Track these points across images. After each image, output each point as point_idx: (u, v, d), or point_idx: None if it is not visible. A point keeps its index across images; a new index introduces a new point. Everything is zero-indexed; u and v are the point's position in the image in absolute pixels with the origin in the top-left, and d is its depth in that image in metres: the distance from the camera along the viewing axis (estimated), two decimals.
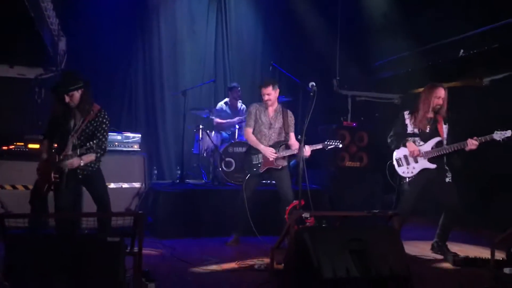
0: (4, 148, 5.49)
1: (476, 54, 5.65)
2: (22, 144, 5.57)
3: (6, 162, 5.35)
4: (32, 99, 6.94)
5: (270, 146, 5.17)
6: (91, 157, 4.13)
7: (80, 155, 4.07)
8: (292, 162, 7.16)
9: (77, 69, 4.46)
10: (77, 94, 4.12)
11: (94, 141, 4.04)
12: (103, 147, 4.18)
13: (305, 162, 4.44)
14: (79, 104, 4.15)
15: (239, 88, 7.29)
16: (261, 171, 5.13)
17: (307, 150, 4.85)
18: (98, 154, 4.18)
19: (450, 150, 4.75)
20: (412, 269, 3.41)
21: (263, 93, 5.18)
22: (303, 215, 3.41)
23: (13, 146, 5.53)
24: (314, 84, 4.58)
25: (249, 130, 5.22)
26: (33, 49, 6.37)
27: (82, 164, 4.10)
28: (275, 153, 5.07)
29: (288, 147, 5.22)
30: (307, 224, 3.87)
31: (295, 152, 5.06)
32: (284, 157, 5.19)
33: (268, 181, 5.87)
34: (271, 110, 5.25)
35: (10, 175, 5.32)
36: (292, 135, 5.26)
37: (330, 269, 3.12)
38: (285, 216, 4.57)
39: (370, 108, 8.56)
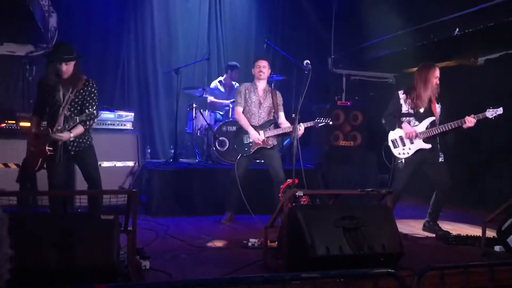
0: None
1: (471, 33, 5.60)
2: (14, 122, 5.53)
3: None
4: (23, 77, 6.86)
5: (260, 125, 5.17)
6: (79, 129, 4.09)
7: (70, 129, 4.04)
8: (286, 141, 7.19)
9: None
10: (71, 65, 4.07)
11: (87, 112, 4.02)
12: (93, 118, 4.14)
13: (299, 141, 4.43)
14: (71, 76, 4.09)
15: (239, 69, 7.22)
16: (252, 151, 5.13)
17: (301, 129, 4.85)
18: (87, 126, 4.14)
19: (447, 129, 4.74)
20: (404, 247, 3.46)
21: (258, 65, 5.19)
22: (296, 193, 3.41)
23: (4, 124, 5.48)
24: (308, 62, 4.55)
25: (239, 109, 5.21)
26: (23, 25, 6.27)
27: (71, 138, 4.07)
28: (262, 139, 5.08)
29: (277, 126, 5.24)
30: (301, 202, 3.88)
31: (285, 131, 5.10)
32: (274, 136, 5.19)
33: (262, 161, 5.88)
34: (260, 89, 5.25)
35: (2, 154, 5.29)
36: (281, 114, 5.28)
37: (323, 247, 3.14)
38: (279, 195, 4.58)
39: (364, 88, 8.54)
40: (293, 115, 4.58)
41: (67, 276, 2.80)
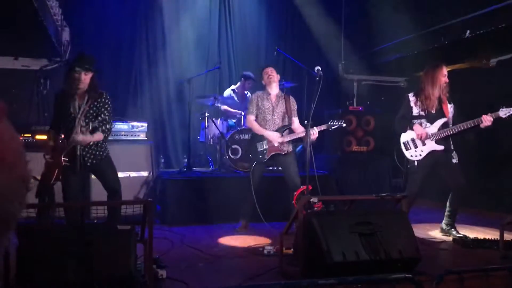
0: None
1: (483, 34, 5.56)
2: (29, 135, 5.59)
3: None
4: (37, 91, 6.96)
5: (275, 131, 5.16)
6: (99, 135, 4.15)
7: (91, 133, 4.10)
8: (299, 148, 7.19)
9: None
10: (89, 76, 4.14)
11: (99, 118, 4.10)
12: (108, 126, 4.19)
13: (312, 147, 4.43)
14: (88, 87, 4.16)
15: (253, 81, 7.25)
16: (267, 157, 5.14)
17: (315, 133, 4.86)
18: (106, 134, 4.20)
19: (463, 128, 4.69)
20: (421, 251, 3.44)
21: (265, 72, 5.23)
22: (311, 200, 3.41)
23: (20, 138, 5.53)
24: (319, 68, 4.56)
25: (252, 118, 5.23)
26: (37, 40, 6.35)
27: (92, 141, 4.12)
28: (280, 142, 5.07)
29: (292, 131, 5.22)
30: (315, 209, 3.88)
31: (299, 135, 5.10)
32: (289, 142, 5.19)
33: (275, 168, 5.89)
34: (273, 96, 5.25)
35: None
36: (295, 120, 5.27)
37: (339, 253, 3.14)
38: (293, 202, 4.58)
39: (376, 92, 8.53)
40: (305, 121, 4.58)
41: (86, 286, 2.83)
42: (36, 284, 2.77)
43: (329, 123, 5.12)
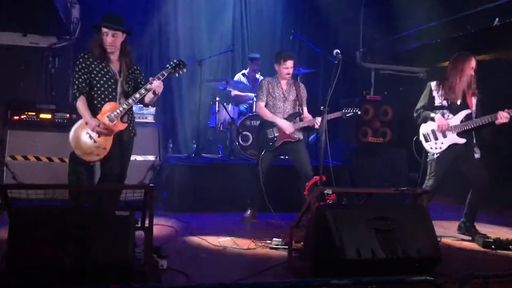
0: (16, 118, 5.33)
1: None
2: (34, 113, 5.41)
3: (18, 132, 5.22)
4: (45, 69, 6.79)
5: (285, 118, 4.93)
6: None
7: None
8: (312, 137, 6.92)
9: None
10: (118, 38, 3.76)
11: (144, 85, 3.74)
12: None
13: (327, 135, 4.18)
14: (121, 52, 3.82)
15: (260, 60, 7.00)
16: (277, 145, 4.90)
17: (318, 122, 4.69)
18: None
19: (479, 124, 4.46)
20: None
21: (286, 65, 4.94)
22: (325, 191, 3.17)
23: (24, 116, 5.37)
24: (338, 51, 4.29)
25: (262, 104, 4.99)
26: (45, 16, 6.17)
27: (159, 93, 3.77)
28: (292, 129, 4.84)
29: (302, 120, 5.00)
30: (328, 201, 3.63)
31: (310, 123, 4.87)
32: (300, 129, 4.96)
33: (286, 157, 5.64)
34: (283, 83, 5.02)
35: (21, 146, 5.18)
36: (305, 109, 5.05)
37: (353, 250, 2.90)
38: (305, 193, 4.33)
39: (393, 82, 8.21)
40: (321, 107, 4.33)
41: (80, 273, 2.63)
42: (26, 268, 2.57)
43: (343, 110, 4.88)
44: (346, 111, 4.86)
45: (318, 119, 4.72)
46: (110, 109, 3.72)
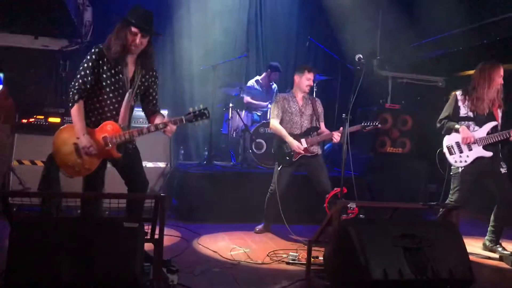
0: (24, 121, 5.19)
1: None
2: (42, 117, 5.26)
3: (25, 136, 5.06)
4: (56, 72, 6.67)
5: (302, 133, 4.73)
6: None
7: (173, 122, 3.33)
8: (327, 145, 6.70)
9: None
10: (146, 40, 3.20)
11: (155, 97, 3.43)
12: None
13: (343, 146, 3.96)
14: (143, 54, 3.26)
15: (279, 72, 6.82)
16: (294, 160, 4.69)
17: (337, 136, 4.52)
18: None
19: (506, 137, 4.21)
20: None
21: (308, 77, 4.76)
22: (348, 205, 2.94)
23: (33, 119, 5.22)
24: (361, 56, 4.09)
25: (276, 122, 4.79)
26: (57, 19, 6.04)
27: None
28: (303, 148, 4.63)
29: (319, 134, 4.80)
30: (350, 215, 3.41)
31: (326, 137, 4.68)
32: (317, 143, 4.76)
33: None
34: (299, 98, 4.84)
35: (29, 150, 5.02)
36: (322, 124, 4.86)
37: (379, 269, 2.67)
38: (325, 205, 4.11)
39: (411, 91, 7.96)
40: (343, 115, 4.11)
41: None
42: (25, 285, 2.38)
43: (363, 124, 4.68)
44: (365, 124, 4.66)
45: (336, 134, 4.54)
46: (110, 131, 3.21)
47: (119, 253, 2.52)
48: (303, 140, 4.69)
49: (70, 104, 3.14)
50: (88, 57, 3.15)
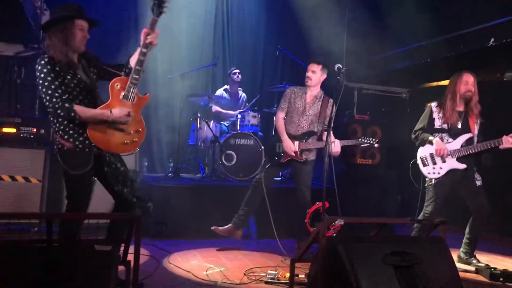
0: None
1: (509, 43, 5.07)
2: None
3: None
4: (10, 79, 6.24)
5: (298, 135, 4.54)
6: None
7: None
8: None
9: None
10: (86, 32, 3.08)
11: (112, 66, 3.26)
12: None
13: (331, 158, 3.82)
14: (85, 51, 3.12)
15: (238, 72, 6.66)
16: (282, 161, 4.53)
17: (337, 145, 4.24)
18: None
19: (482, 149, 4.20)
20: None
21: (308, 68, 4.57)
22: (336, 221, 2.80)
23: None
24: (340, 66, 3.99)
25: (280, 115, 4.62)
26: (12, 21, 5.66)
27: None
28: (295, 151, 4.47)
29: (320, 139, 4.54)
30: (332, 230, 3.26)
31: (318, 146, 4.50)
32: (310, 150, 4.55)
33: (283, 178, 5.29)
34: (309, 95, 4.59)
35: None
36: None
37: None
38: (306, 220, 3.95)
39: (377, 102, 7.99)
40: (325, 126, 3.98)
41: None
42: None
43: (360, 140, 4.47)
44: (361, 141, 4.47)
45: (336, 145, 4.28)
46: (121, 87, 3.08)
47: (91, 280, 2.26)
48: (296, 143, 4.51)
49: (72, 115, 2.92)
50: (45, 71, 2.91)
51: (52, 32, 2.98)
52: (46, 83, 2.90)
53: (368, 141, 4.47)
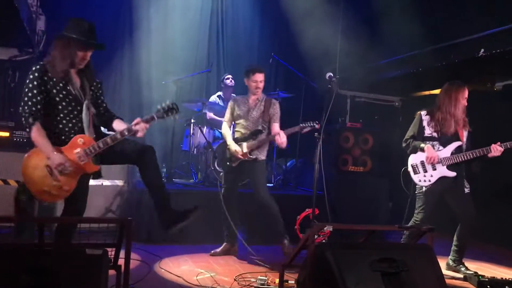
0: None
1: (499, 54, 5.15)
2: None
3: None
4: (4, 83, 6.25)
5: (246, 136, 4.59)
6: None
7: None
8: (290, 162, 6.63)
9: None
10: (90, 53, 3.17)
11: (104, 106, 3.31)
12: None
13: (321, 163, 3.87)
14: (86, 66, 3.19)
15: (231, 78, 6.70)
16: (234, 165, 4.56)
17: (282, 136, 4.36)
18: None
19: (471, 156, 4.27)
20: None
21: (256, 79, 4.59)
22: (325, 228, 2.83)
23: None
24: (331, 74, 4.05)
25: (224, 124, 4.73)
26: (7, 25, 5.67)
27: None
28: (241, 153, 4.52)
29: (266, 135, 4.64)
30: (321, 236, 3.30)
31: (265, 141, 4.59)
32: (258, 148, 4.58)
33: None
34: (252, 99, 4.67)
35: None
36: (275, 126, 4.61)
37: None
38: (296, 227, 3.99)
39: (369, 110, 8.07)
40: (316, 134, 4.03)
41: None
42: None
43: (301, 124, 4.56)
44: (303, 125, 4.54)
45: (282, 135, 4.36)
46: (82, 145, 3.08)
47: (81, 284, 2.28)
48: (244, 144, 4.55)
49: (28, 130, 3.00)
50: (31, 77, 3.00)
51: (57, 43, 3.09)
52: (26, 89, 3.00)
53: (309, 124, 4.55)
